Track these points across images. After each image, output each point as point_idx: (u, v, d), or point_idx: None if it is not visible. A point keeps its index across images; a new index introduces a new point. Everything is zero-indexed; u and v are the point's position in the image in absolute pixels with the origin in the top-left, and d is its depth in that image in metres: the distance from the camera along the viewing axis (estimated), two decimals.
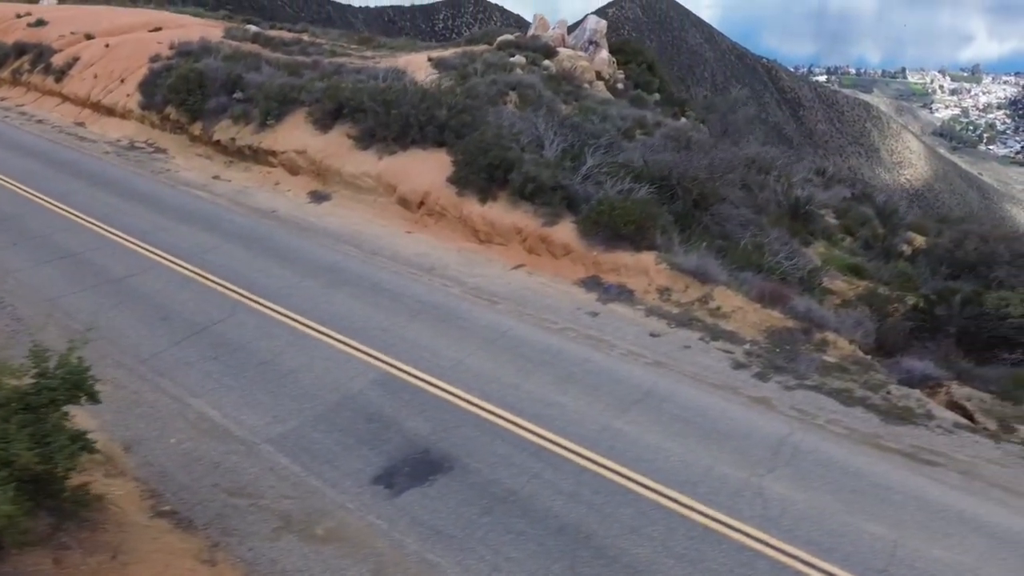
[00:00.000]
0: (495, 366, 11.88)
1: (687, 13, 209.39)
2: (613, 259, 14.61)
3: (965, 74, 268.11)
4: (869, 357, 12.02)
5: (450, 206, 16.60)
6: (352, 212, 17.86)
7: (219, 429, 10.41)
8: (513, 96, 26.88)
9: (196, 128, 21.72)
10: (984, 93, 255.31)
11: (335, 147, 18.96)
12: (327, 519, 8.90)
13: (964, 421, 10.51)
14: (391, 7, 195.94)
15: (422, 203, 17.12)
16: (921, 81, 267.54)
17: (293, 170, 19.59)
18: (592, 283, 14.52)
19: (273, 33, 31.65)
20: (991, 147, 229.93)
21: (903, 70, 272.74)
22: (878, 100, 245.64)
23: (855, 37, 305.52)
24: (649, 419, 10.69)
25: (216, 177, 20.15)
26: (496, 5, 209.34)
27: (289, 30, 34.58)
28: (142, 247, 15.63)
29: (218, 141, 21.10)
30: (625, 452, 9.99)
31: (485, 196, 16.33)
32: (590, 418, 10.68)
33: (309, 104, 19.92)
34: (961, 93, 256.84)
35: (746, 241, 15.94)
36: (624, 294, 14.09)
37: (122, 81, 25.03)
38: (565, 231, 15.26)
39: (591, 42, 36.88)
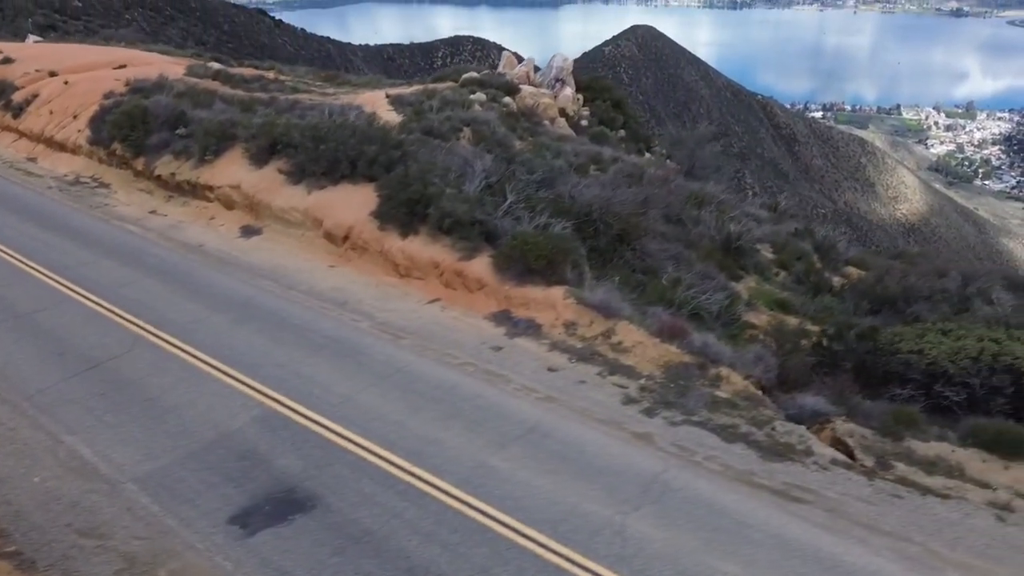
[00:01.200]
0: (384, 402, 11.75)
1: (682, 51, 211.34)
2: (523, 293, 14.54)
3: (959, 110, 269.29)
4: (760, 392, 11.87)
5: (372, 240, 16.59)
6: (279, 246, 17.85)
7: (87, 467, 10.27)
8: (467, 132, 27.10)
9: (139, 163, 21.82)
10: (979, 129, 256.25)
11: (268, 182, 19.01)
12: (173, 560, 8.73)
13: (842, 458, 10.33)
14: (391, 45, 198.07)
15: (347, 237, 17.11)
16: (916, 117, 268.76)
17: (229, 205, 19.63)
18: (502, 317, 14.43)
19: (235, 70, 31.98)
20: (987, 182, 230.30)
21: (898, 107, 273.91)
22: (873, 136, 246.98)
23: (850, 75, 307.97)
24: (526, 456, 10.54)
25: (153, 212, 20.20)
26: (494, 44, 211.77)
27: (255, 67, 34.97)
28: (59, 282, 15.58)
29: (159, 176, 21.17)
30: (494, 490, 9.83)
31: (406, 231, 16.31)
32: (467, 455, 10.53)
33: (246, 140, 20.03)
34: (956, 129, 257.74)
35: (667, 276, 15.86)
36: (532, 328, 13.99)
37: (75, 117, 25.23)
38: (480, 266, 15.20)
39: (557, 79, 37.24)
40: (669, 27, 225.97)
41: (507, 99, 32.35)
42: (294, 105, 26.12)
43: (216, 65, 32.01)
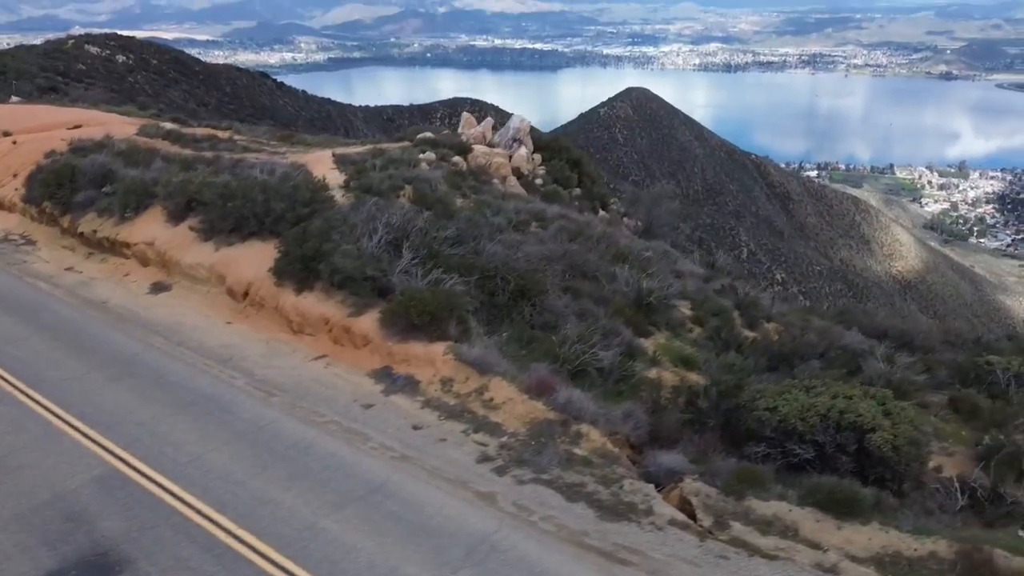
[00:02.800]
0: (233, 462, 11.48)
1: (676, 112, 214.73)
2: (406, 350, 14.35)
3: (952, 170, 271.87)
4: (618, 450, 11.57)
5: (269, 296, 16.49)
6: (184, 303, 17.74)
7: None
8: (408, 190, 27.27)
9: (66, 221, 21.92)
10: (972, 188, 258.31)
11: (180, 239, 19.03)
12: None
13: (682, 518, 9.98)
14: (391, 106, 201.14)
15: (247, 293, 17.02)
16: (909, 177, 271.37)
17: (144, 261, 19.63)
18: (383, 374, 14.22)
19: (188, 130, 32.42)
20: (982, 240, 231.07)
21: (891, 166, 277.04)
22: (868, 195, 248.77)
23: (844, 135, 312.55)
24: (362, 517, 10.23)
25: (70, 268, 20.18)
26: (491, 105, 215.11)
27: (214, 127, 35.49)
28: None
29: (82, 233, 21.23)
30: (315, 553, 9.52)
31: (302, 287, 16.21)
32: (300, 517, 10.22)
33: (165, 198, 20.13)
34: (949, 188, 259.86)
35: (561, 332, 15.67)
36: (410, 385, 13.76)
37: (15, 176, 25.48)
38: (368, 322, 15.05)
39: (514, 139, 37.67)
40: (666, 89, 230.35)
41: (457, 158, 32.62)
42: (237, 163, 26.30)
43: (169, 125, 32.46)
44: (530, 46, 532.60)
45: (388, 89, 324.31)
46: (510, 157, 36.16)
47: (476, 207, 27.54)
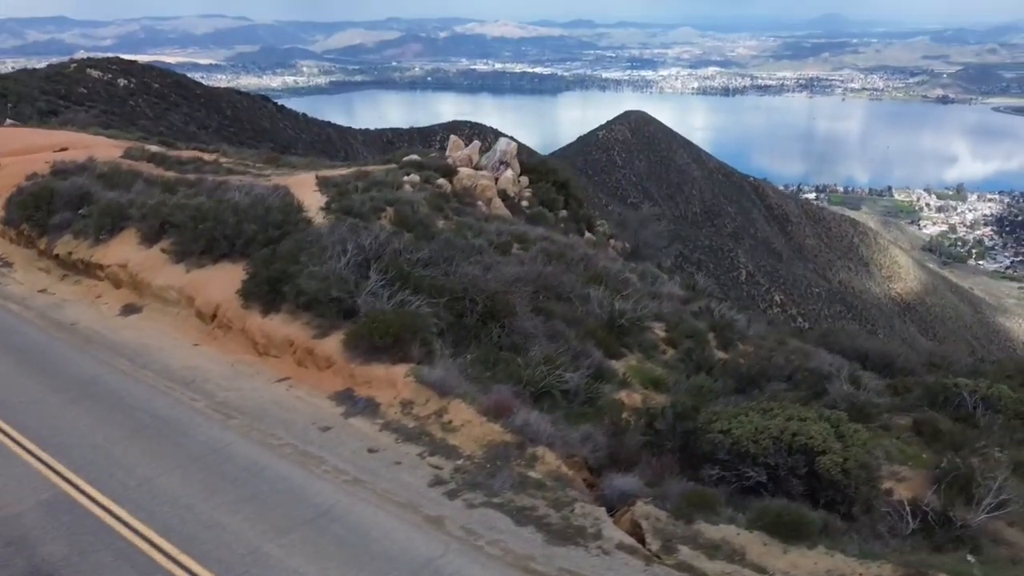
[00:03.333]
0: (183, 485, 11.37)
1: (674, 135, 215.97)
2: (368, 372, 14.26)
3: (950, 192, 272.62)
4: (572, 472, 11.44)
5: (236, 318, 16.43)
6: (154, 325, 17.69)
7: None
8: (389, 212, 27.32)
9: (43, 243, 21.95)
10: (970, 210, 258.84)
11: (152, 261, 19.03)
12: None
13: (631, 542, 9.84)
14: (391, 129, 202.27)
15: (215, 315, 16.97)
16: (907, 199, 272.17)
17: (117, 283, 19.60)
18: (344, 396, 14.11)
19: (174, 152, 32.57)
20: (980, 262, 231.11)
21: (889, 188, 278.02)
22: (866, 217, 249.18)
23: (842, 158, 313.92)
24: (307, 542, 10.10)
25: (43, 290, 20.15)
26: (491, 128, 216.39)
27: (202, 150, 35.64)
28: None
29: (58, 255, 21.26)
30: None
31: (268, 308, 16.16)
32: (244, 541, 10.09)
33: (139, 220, 20.15)
34: (948, 210, 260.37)
35: (528, 354, 15.57)
36: (370, 407, 13.65)
37: None
38: (331, 344, 14.97)
39: (501, 162, 37.78)
40: (664, 112, 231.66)
41: (441, 180, 32.71)
42: (219, 185, 26.37)
43: (154, 148, 32.60)
44: (530, 70, 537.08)
45: (389, 112, 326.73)
46: (496, 179, 36.26)
47: (457, 229, 27.58)
